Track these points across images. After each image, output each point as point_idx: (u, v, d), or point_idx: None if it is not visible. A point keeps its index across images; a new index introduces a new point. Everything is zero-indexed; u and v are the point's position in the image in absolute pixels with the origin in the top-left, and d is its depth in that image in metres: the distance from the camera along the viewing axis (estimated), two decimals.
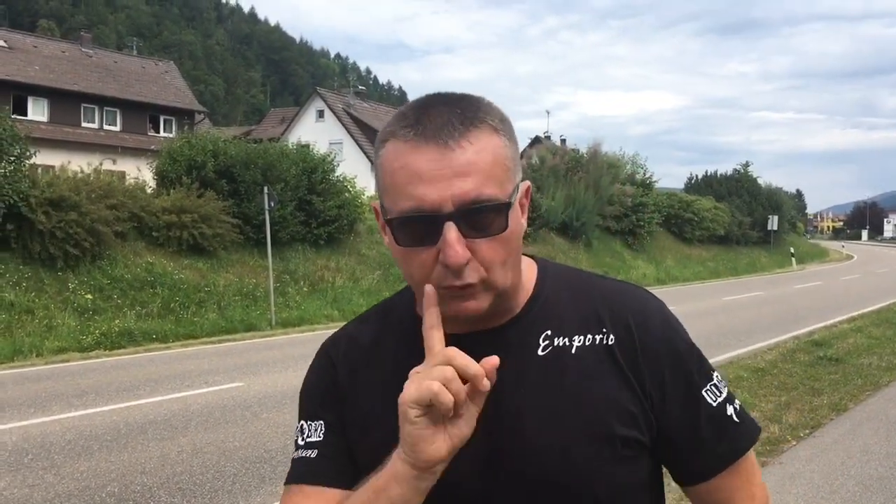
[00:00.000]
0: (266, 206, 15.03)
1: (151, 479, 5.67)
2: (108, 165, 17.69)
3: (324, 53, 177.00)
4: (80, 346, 12.09)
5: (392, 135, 0.98)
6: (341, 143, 40.23)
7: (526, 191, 1.05)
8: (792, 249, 41.97)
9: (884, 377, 9.31)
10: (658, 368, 1.07)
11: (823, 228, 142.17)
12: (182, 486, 5.54)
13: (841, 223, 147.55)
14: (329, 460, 1.10)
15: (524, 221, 1.05)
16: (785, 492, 5.28)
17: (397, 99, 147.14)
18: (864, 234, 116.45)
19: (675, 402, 1.08)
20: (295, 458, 1.13)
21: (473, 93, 1.04)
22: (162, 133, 34.35)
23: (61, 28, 79.80)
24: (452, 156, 0.94)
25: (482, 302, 0.99)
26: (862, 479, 5.55)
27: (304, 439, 1.13)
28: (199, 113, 38.25)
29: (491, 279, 0.98)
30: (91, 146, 29.35)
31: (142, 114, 34.84)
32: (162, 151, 18.26)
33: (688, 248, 35.14)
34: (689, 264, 32.71)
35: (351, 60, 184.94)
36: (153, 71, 38.13)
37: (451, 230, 0.93)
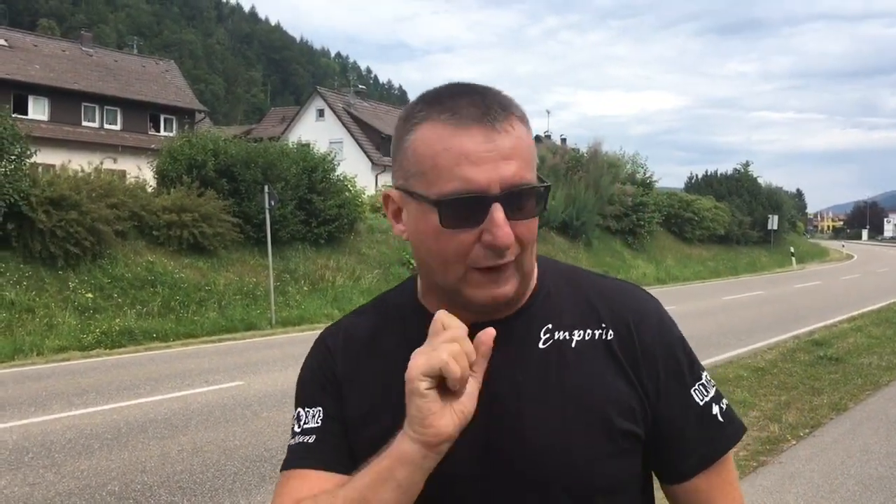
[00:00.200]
0: (266, 206, 15.03)
1: (152, 478, 5.68)
2: (108, 164, 17.73)
3: (324, 53, 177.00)
4: (81, 344, 12.10)
5: (426, 118, 0.99)
6: (341, 143, 40.23)
7: None
8: (792, 249, 41.95)
9: (884, 377, 9.31)
10: (654, 366, 1.09)
11: (823, 228, 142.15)
12: (182, 485, 5.54)
13: (841, 223, 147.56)
14: (328, 446, 1.09)
15: None
16: (785, 491, 5.29)
17: (397, 98, 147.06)
18: (865, 233, 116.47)
19: (667, 399, 1.09)
20: (291, 445, 1.12)
21: None
22: (162, 132, 34.35)
23: (61, 27, 79.79)
24: (498, 139, 0.97)
25: (513, 284, 1.02)
26: (862, 478, 5.55)
27: (301, 426, 1.12)
28: (199, 112, 38.25)
29: (521, 261, 1.02)
30: (91, 145, 29.37)
31: (142, 113, 34.83)
32: (162, 150, 18.26)
33: (688, 248, 35.14)
34: (689, 264, 32.70)
35: (351, 60, 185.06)
36: (153, 70, 38.14)
37: (499, 211, 0.96)
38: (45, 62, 32.16)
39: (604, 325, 1.09)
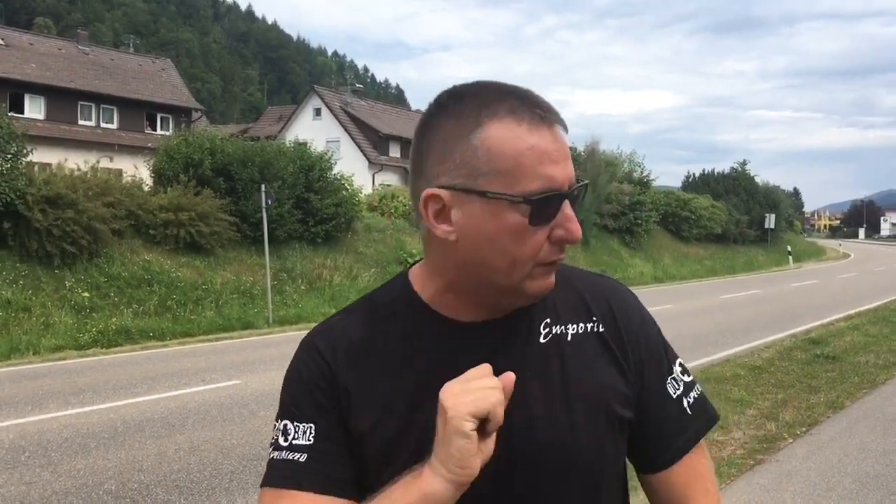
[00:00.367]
0: (263, 204, 15.02)
1: (149, 477, 5.67)
2: (104, 163, 17.68)
3: (321, 51, 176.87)
4: (78, 343, 12.08)
5: (493, 113, 0.98)
6: (338, 142, 40.20)
7: None
8: (789, 248, 42.00)
9: (880, 375, 9.32)
10: (639, 355, 1.13)
11: (820, 227, 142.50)
12: (179, 484, 5.53)
13: (838, 221, 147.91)
14: (320, 466, 1.03)
15: None
16: (782, 489, 5.29)
17: (394, 97, 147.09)
18: (861, 232, 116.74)
19: (649, 389, 1.13)
20: (277, 459, 1.05)
21: None
22: (159, 131, 34.29)
23: (58, 25, 79.71)
24: (561, 138, 1.00)
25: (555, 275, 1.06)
26: (858, 476, 5.56)
27: (290, 441, 1.05)
28: (196, 111, 38.20)
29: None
30: (88, 144, 29.33)
31: (139, 111, 34.77)
32: (159, 149, 18.24)
33: (685, 247, 35.18)
34: (686, 262, 32.74)
35: (348, 59, 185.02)
36: (150, 68, 38.06)
37: (569, 208, 1.00)
38: (41, 61, 32.09)
39: (594, 319, 1.13)
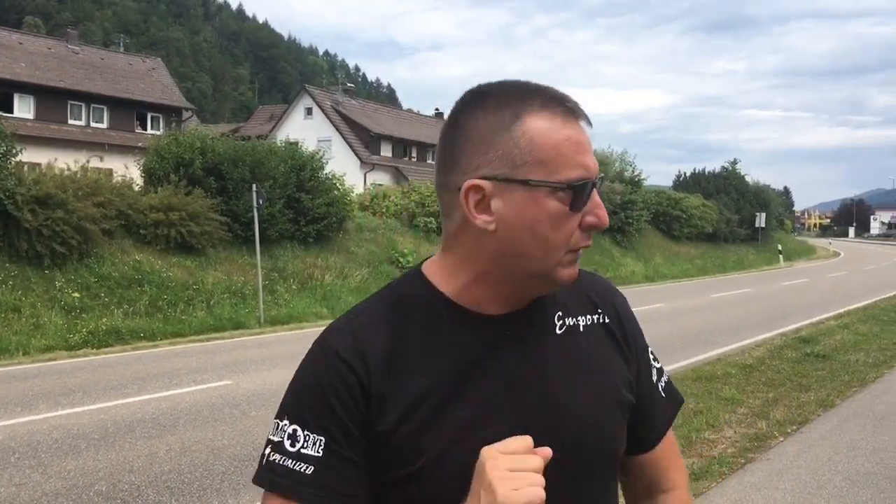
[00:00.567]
0: (254, 204, 14.98)
1: (139, 478, 5.65)
2: (95, 163, 17.62)
3: (312, 51, 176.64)
4: (68, 344, 12.03)
5: (530, 107, 1.03)
6: (330, 141, 40.18)
7: None
8: (779, 246, 42.18)
9: (870, 373, 9.37)
10: (635, 345, 1.23)
11: (811, 226, 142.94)
12: (170, 485, 5.52)
13: (828, 220, 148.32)
14: (327, 481, 1.02)
15: None
16: (773, 487, 5.31)
17: (386, 96, 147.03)
18: (851, 231, 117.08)
19: (640, 375, 1.23)
20: (281, 465, 1.03)
21: (466, 88, 1.10)
22: (149, 130, 34.14)
23: (47, 25, 79.38)
24: (587, 130, 1.07)
25: None
26: (849, 474, 5.59)
27: (297, 448, 1.03)
28: (186, 110, 38.08)
29: None
30: (78, 143, 29.19)
31: (129, 111, 34.64)
32: (149, 149, 18.16)
33: (676, 246, 35.26)
34: (677, 262, 32.83)
35: (339, 58, 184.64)
36: (140, 68, 37.92)
37: (597, 195, 1.07)
38: (30, 60, 31.93)
39: (600, 311, 1.20)
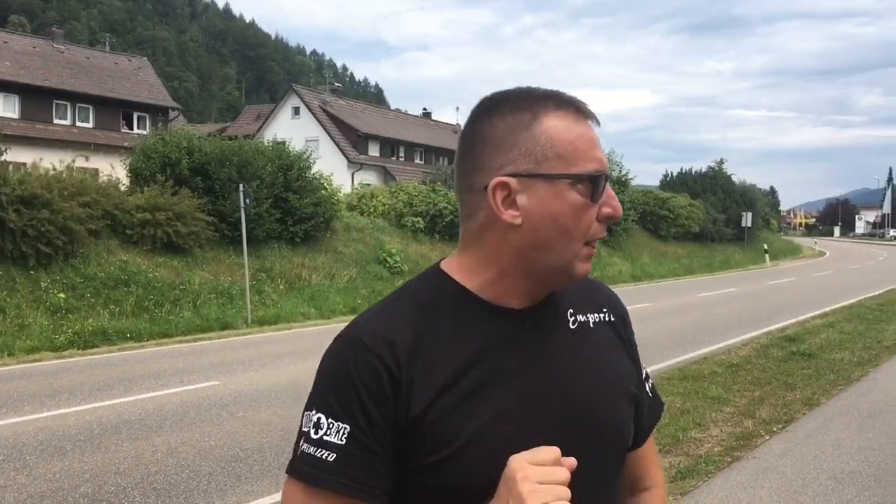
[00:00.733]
0: (241, 204, 14.92)
1: (125, 480, 5.62)
2: (80, 163, 17.47)
3: (299, 50, 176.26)
4: (53, 345, 11.94)
5: (545, 108, 1.10)
6: (317, 141, 40.09)
7: None
8: (765, 246, 42.40)
9: (855, 372, 9.43)
10: (634, 343, 1.30)
11: (796, 225, 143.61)
12: (157, 486, 5.49)
13: (813, 220, 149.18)
14: (348, 468, 1.04)
15: None
16: (758, 486, 5.34)
17: (374, 96, 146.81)
18: (837, 230, 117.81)
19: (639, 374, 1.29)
20: (305, 452, 1.06)
21: (453, 89, 1.14)
22: (135, 130, 33.98)
23: (32, 23, 78.79)
24: (596, 129, 1.14)
25: None
26: (834, 472, 5.62)
27: (320, 436, 1.05)
28: (173, 110, 37.93)
29: None
30: (63, 143, 29.00)
31: (115, 110, 34.45)
32: (136, 148, 18.06)
33: (663, 245, 35.37)
34: (664, 261, 32.92)
35: (327, 57, 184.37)
36: (126, 67, 37.72)
37: (610, 188, 1.12)
38: (15, 59, 31.70)
39: (605, 310, 1.26)
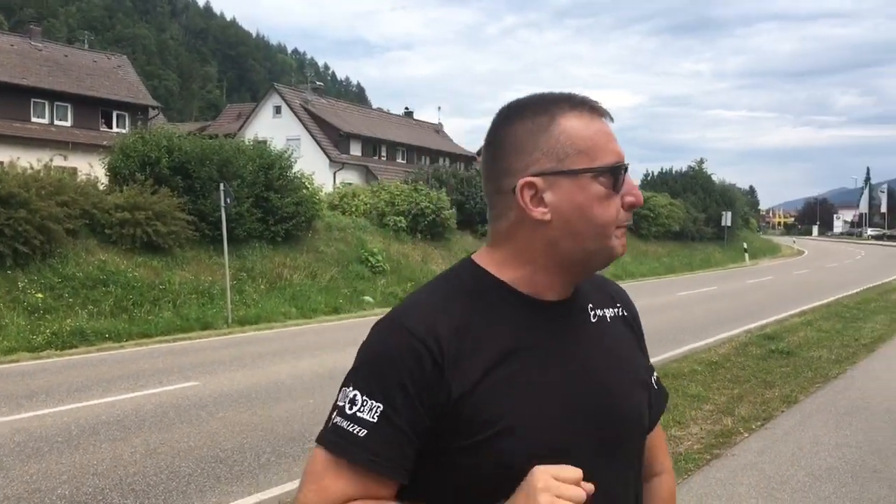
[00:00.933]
0: (222, 203, 14.84)
1: (104, 481, 5.57)
2: (58, 161, 17.24)
3: (281, 49, 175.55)
4: (31, 345, 11.81)
5: (561, 109, 1.18)
6: (299, 140, 39.92)
7: None
8: (745, 245, 42.74)
9: (833, 370, 9.52)
10: (643, 337, 1.38)
11: (775, 224, 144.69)
12: (135, 488, 5.45)
13: (792, 219, 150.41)
14: (376, 445, 1.09)
15: None
16: (737, 483, 5.38)
17: (355, 95, 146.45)
18: (815, 229, 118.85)
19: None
20: (337, 425, 1.12)
21: (435, 88, 1.17)
22: (115, 129, 33.68)
23: (10, 21, 77.91)
24: (611, 125, 1.22)
25: None
26: (812, 469, 5.67)
27: (354, 412, 1.11)
28: (152, 108, 37.62)
29: None
30: (41, 142, 28.63)
31: (94, 109, 34.14)
32: (115, 147, 17.89)
33: (644, 245, 35.54)
34: (645, 260, 33.07)
35: (308, 56, 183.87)
36: (105, 65, 37.39)
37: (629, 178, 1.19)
38: None
39: (618, 305, 1.33)
